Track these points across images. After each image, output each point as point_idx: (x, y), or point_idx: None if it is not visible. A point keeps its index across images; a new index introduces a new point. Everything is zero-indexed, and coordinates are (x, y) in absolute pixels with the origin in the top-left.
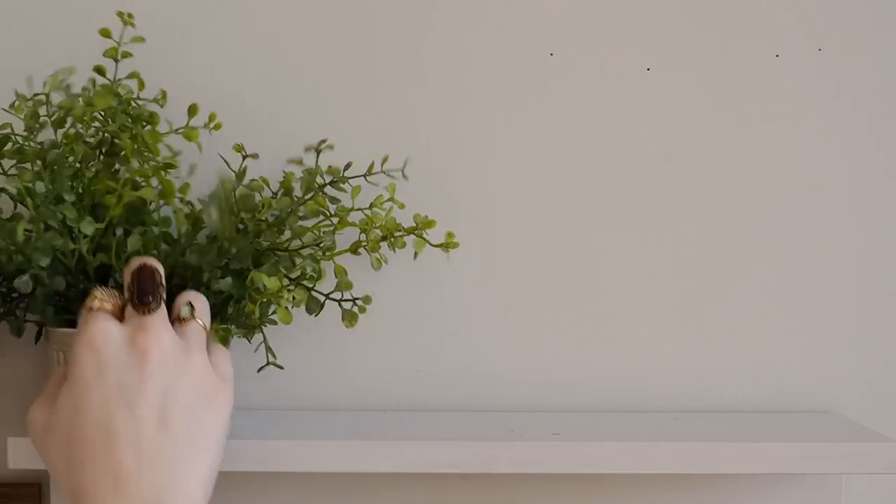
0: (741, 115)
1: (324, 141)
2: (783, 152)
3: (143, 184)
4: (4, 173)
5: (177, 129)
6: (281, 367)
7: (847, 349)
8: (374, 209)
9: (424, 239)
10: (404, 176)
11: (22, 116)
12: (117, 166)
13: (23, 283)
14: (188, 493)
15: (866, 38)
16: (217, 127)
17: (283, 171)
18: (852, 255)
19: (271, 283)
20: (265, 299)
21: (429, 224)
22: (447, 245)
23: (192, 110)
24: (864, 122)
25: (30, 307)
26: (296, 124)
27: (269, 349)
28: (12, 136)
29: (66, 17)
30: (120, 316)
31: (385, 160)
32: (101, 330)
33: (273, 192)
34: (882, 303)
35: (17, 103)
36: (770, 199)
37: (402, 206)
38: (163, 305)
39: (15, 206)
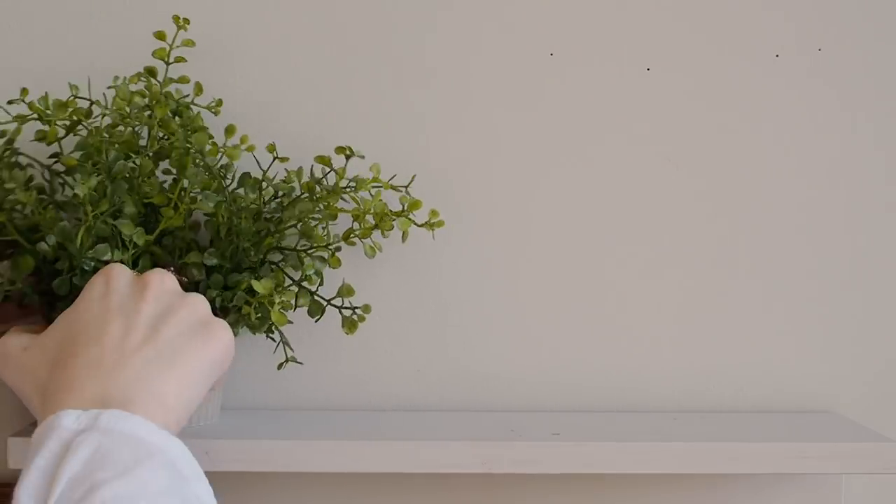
0: (741, 115)
1: (356, 152)
2: (782, 152)
3: (200, 197)
4: (63, 164)
5: (219, 149)
6: (300, 363)
7: (846, 349)
8: (360, 193)
9: (410, 219)
10: (408, 194)
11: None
12: (163, 169)
13: (62, 285)
14: (160, 397)
15: (865, 38)
16: (250, 148)
17: (286, 170)
18: (852, 256)
19: (260, 286)
20: (258, 302)
21: (415, 205)
22: (432, 224)
23: (230, 130)
24: (864, 122)
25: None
26: (295, 124)
27: (286, 344)
28: (84, 122)
29: (70, 20)
30: None
31: (392, 178)
32: (117, 267)
33: (274, 191)
34: (881, 303)
35: (71, 97)
36: (769, 199)
37: (387, 187)
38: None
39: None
